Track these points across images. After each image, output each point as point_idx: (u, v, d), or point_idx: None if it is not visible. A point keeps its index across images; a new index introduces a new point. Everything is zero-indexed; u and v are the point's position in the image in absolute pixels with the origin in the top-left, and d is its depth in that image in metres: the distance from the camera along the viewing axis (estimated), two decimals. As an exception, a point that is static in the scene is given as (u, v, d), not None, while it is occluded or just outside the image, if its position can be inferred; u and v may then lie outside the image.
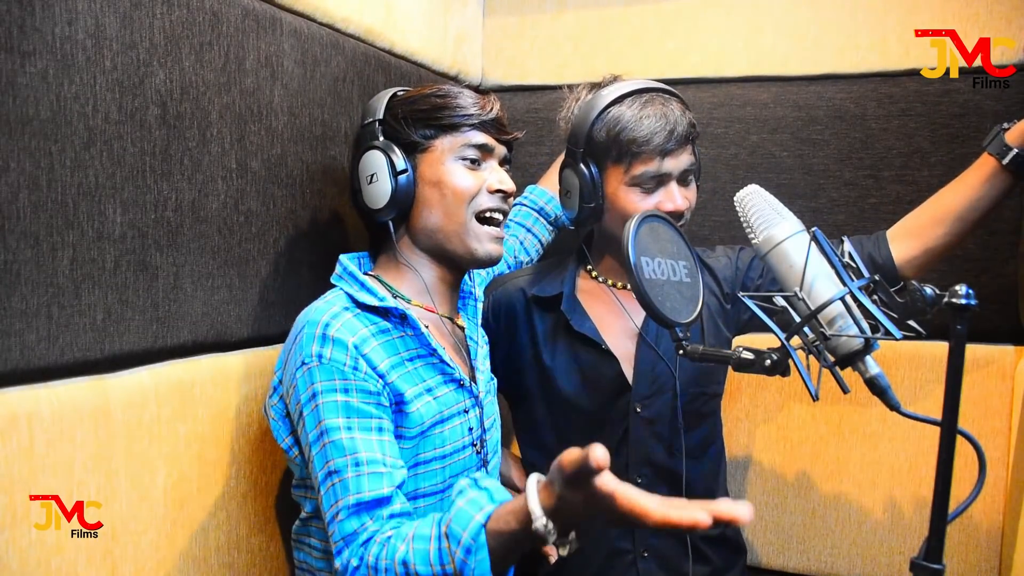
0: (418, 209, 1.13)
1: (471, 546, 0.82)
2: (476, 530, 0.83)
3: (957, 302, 0.74)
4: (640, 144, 1.23)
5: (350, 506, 0.94)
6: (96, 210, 0.91)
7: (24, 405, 0.84)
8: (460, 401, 1.12)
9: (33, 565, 0.84)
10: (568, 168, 1.31)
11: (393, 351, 1.05)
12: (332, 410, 0.97)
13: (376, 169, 1.11)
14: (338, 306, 1.04)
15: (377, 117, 1.14)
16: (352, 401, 0.98)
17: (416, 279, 1.15)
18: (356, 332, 1.02)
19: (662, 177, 1.25)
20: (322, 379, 0.98)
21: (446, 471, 1.08)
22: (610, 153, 1.26)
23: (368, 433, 0.97)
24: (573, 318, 1.33)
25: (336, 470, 0.96)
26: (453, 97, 1.13)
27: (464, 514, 0.85)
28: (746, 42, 1.66)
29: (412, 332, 1.08)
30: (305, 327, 1.02)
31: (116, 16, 0.92)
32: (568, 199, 1.33)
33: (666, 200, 1.26)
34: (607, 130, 1.25)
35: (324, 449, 0.97)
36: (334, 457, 0.96)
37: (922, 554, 0.77)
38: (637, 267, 0.93)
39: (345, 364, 0.99)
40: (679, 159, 1.26)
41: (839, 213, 1.60)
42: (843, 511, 1.57)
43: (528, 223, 1.53)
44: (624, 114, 1.25)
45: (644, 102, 1.25)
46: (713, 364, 1.35)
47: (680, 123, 1.24)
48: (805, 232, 0.94)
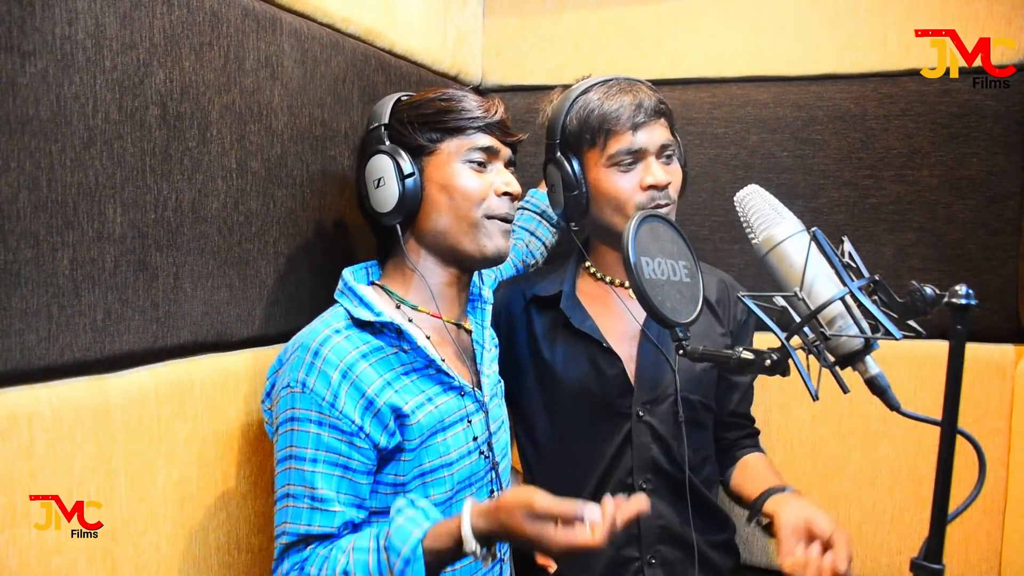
0: (426, 212, 1.13)
1: (410, 558, 0.91)
2: (414, 544, 0.92)
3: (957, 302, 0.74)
4: (611, 120, 1.26)
5: (300, 533, 1.00)
6: (96, 210, 0.91)
7: (24, 405, 0.84)
8: (461, 408, 1.12)
9: (33, 565, 0.84)
10: (549, 164, 1.34)
11: (388, 367, 1.06)
12: (303, 439, 1.01)
13: (383, 173, 1.11)
14: (332, 327, 1.05)
15: (383, 122, 1.14)
16: (323, 435, 1.00)
17: (423, 285, 1.15)
18: (345, 356, 1.03)
19: (638, 152, 1.27)
20: (301, 407, 1.01)
21: (454, 478, 1.09)
22: (584, 138, 1.28)
23: (332, 469, 1.00)
24: (573, 316, 1.33)
25: (293, 495, 1.00)
26: (458, 100, 1.13)
27: (403, 530, 0.93)
28: (746, 42, 1.66)
29: (408, 346, 1.08)
30: (298, 349, 1.04)
31: (116, 16, 0.92)
32: (554, 194, 1.35)
33: (646, 175, 1.27)
34: (577, 117, 1.29)
35: (288, 471, 1.01)
36: (294, 483, 1.00)
37: (922, 554, 0.77)
38: (637, 267, 0.92)
39: (324, 399, 1.01)
40: (652, 133, 1.27)
41: (839, 213, 1.60)
42: (843, 511, 1.57)
43: (531, 227, 1.54)
44: (591, 99, 1.29)
45: (610, 86, 1.30)
46: (714, 372, 1.37)
47: (648, 98, 1.28)
48: (805, 232, 0.94)
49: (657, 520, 1.30)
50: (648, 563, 1.30)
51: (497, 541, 0.93)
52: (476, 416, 1.14)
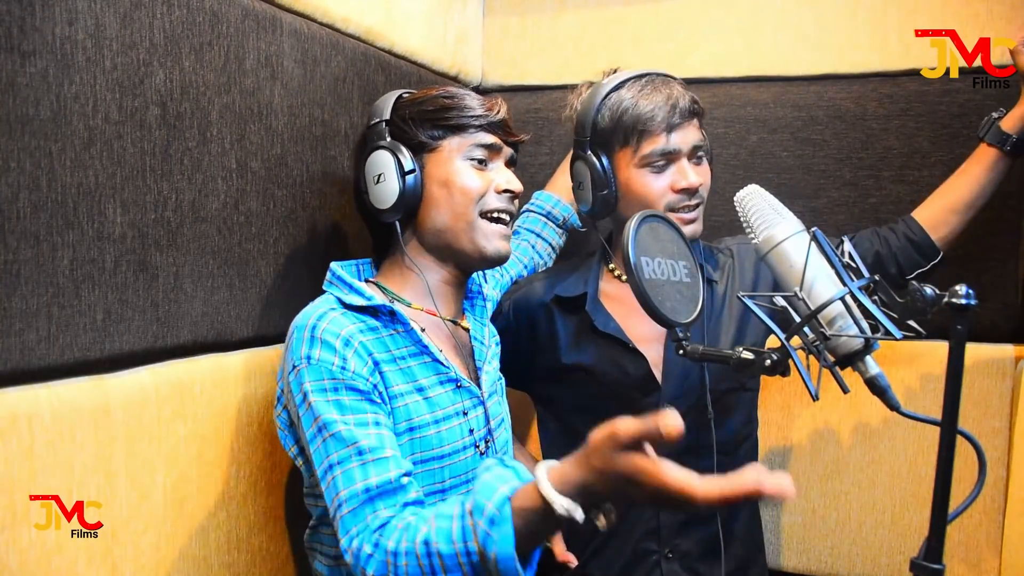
0: (425, 209, 1.13)
1: (495, 517, 0.79)
2: (501, 501, 0.80)
3: (957, 302, 0.74)
4: (645, 121, 1.24)
5: (358, 493, 0.92)
6: (96, 210, 0.91)
7: (24, 405, 0.84)
8: (458, 402, 1.11)
9: (33, 565, 0.84)
10: (578, 160, 1.32)
11: (383, 348, 1.05)
12: (324, 408, 0.97)
13: (383, 169, 1.11)
14: (325, 307, 1.04)
15: (384, 118, 1.14)
16: (343, 399, 0.98)
17: (420, 282, 1.15)
18: (344, 328, 1.02)
19: (671, 154, 1.26)
20: (312, 379, 0.98)
21: (445, 471, 1.08)
22: (617, 137, 1.26)
23: (365, 428, 0.97)
24: (597, 318, 1.32)
25: (338, 461, 0.95)
26: (460, 98, 1.13)
27: (489, 487, 0.82)
28: (746, 42, 1.66)
29: (402, 329, 1.08)
30: (294, 332, 1.03)
31: (116, 16, 0.92)
32: (581, 191, 1.33)
33: (679, 178, 1.26)
34: (611, 115, 1.26)
35: (324, 444, 0.96)
36: (335, 450, 0.95)
37: (922, 554, 0.77)
38: (637, 267, 0.93)
39: (333, 364, 0.99)
40: (686, 134, 1.26)
41: (839, 213, 1.59)
42: (843, 511, 1.57)
43: (537, 228, 1.53)
44: (625, 97, 1.26)
45: (644, 83, 1.27)
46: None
47: (683, 98, 1.26)
48: (805, 232, 0.94)
49: (679, 515, 1.29)
50: (666, 556, 1.30)
51: (598, 495, 0.78)
52: (474, 411, 1.14)
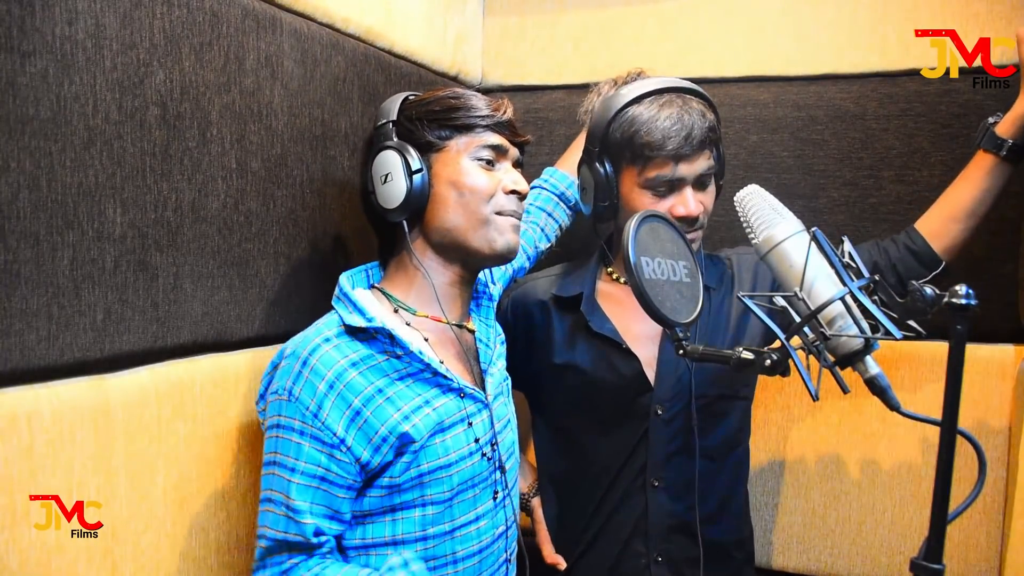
0: (433, 209, 1.12)
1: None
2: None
3: (957, 302, 0.74)
4: (654, 148, 1.22)
5: (275, 539, 1.01)
6: (96, 210, 0.91)
7: (24, 405, 0.84)
8: (461, 410, 1.11)
9: (33, 565, 0.84)
10: (584, 165, 1.32)
11: (381, 374, 1.05)
12: (286, 447, 1.02)
13: (391, 169, 1.11)
14: (323, 336, 1.05)
15: (391, 119, 1.14)
16: (304, 445, 1.01)
17: (426, 285, 1.15)
18: (334, 366, 1.02)
19: (675, 182, 1.25)
20: (286, 415, 1.02)
21: (453, 479, 1.08)
22: (625, 154, 1.26)
23: (309, 480, 1.01)
24: (592, 319, 1.32)
25: (272, 500, 1.02)
26: (467, 98, 1.13)
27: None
28: (746, 42, 1.66)
29: (402, 351, 1.07)
30: (289, 357, 1.04)
31: (116, 16, 0.92)
32: (584, 195, 1.34)
33: (678, 204, 1.25)
34: (623, 131, 1.24)
35: (271, 476, 1.03)
36: (275, 489, 1.02)
37: (922, 554, 0.77)
38: (637, 267, 0.93)
39: (308, 408, 1.01)
40: (694, 164, 1.24)
41: (839, 213, 1.60)
42: (843, 511, 1.57)
43: (549, 207, 1.51)
44: (641, 115, 1.23)
45: (663, 104, 1.23)
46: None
47: (698, 127, 1.22)
48: (805, 232, 0.94)
49: (667, 518, 1.30)
50: (655, 560, 1.30)
51: None
52: (478, 417, 1.14)
